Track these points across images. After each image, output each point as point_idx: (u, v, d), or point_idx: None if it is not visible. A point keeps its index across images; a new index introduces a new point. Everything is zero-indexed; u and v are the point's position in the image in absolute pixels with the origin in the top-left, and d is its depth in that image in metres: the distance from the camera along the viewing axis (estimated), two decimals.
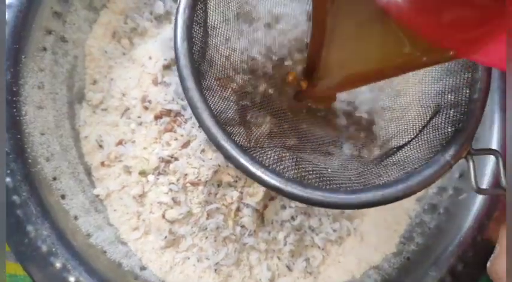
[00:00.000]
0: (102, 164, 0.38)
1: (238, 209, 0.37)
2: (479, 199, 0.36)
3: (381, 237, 0.40)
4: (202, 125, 0.27)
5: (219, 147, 0.27)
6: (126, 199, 0.37)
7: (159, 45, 0.39)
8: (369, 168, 0.32)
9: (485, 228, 0.36)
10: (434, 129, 0.31)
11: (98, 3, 0.39)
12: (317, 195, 0.26)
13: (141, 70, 0.38)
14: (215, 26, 0.33)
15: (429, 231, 0.38)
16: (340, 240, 0.40)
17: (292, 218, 0.38)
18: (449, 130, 0.29)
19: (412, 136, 0.33)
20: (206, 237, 0.37)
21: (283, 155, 0.32)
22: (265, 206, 0.38)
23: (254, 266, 0.37)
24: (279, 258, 0.38)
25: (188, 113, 0.37)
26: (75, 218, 0.36)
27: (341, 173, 0.32)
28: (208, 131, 0.27)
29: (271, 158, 0.30)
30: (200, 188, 0.36)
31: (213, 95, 0.31)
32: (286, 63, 0.38)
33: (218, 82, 0.33)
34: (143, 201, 0.37)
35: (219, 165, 0.36)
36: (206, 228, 0.36)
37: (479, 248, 0.35)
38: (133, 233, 0.37)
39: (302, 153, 0.34)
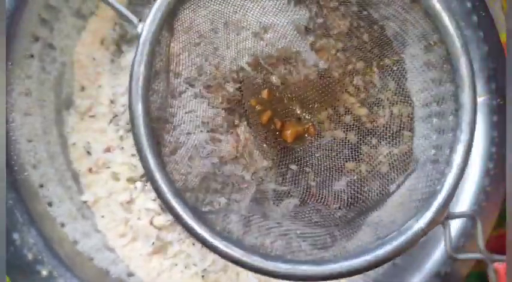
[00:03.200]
0: (90, 170, 0.38)
1: (225, 215, 0.37)
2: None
3: (366, 242, 0.40)
4: (159, 195, 0.27)
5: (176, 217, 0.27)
6: (113, 206, 0.37)
7: None
8: (340, 228, 0.32)
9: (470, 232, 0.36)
10: (410, 190, 0.31)
11: (86, 11, 0.39)
12: (280, 267, 0.26)
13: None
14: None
15: None
16: (326, 246, 0.40)
17: (279, 224, 0.39)
18: (425, 191, 0.29)
19: (387, 196, 0.33)
20: (193, 244, 0.37)
21: (249, 220, 0.32)
22: (253, 213, 0.38)
23: (241, 272, 0.38)
24: None
25: (176, 120, 0.37)
26: (62, 225, 0.36)
27: (310, 235, 0.32)
28: (166, 202, 0.27)
29: (233, 224, 0.31)
30: (188, 194, 0.36)
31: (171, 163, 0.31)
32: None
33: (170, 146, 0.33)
34: (131, 208, 0.37)
35: (207, 172, 0.36)
36: None
37: None
38: (121, 240, 0.37)
39: (270, 212, 0.35)
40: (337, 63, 0.39)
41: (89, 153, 0.38)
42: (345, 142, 0.38)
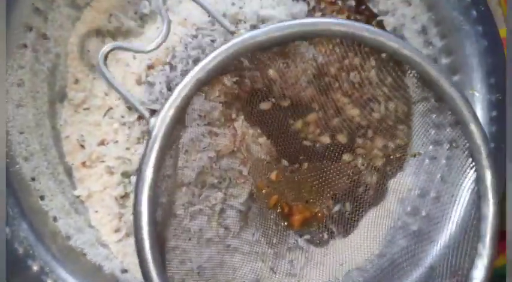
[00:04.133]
0: (84, 164, 0.37)
1: (222, 211, 0.36)
2: (461, 201, 0.37)
3: (364, 239, 0.40)
4: None
5: None
6: (107, 200, 0.37)
7: (143, 45, 0.38)
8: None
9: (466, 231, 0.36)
10: None
11: (82, 1, 0.38)
12: None
13: (124, 69, 0.38)
14: None
15: (412, 233, 0.39)
16: (323, 242, 0.40)
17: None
18: None
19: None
20: (189, 239, 0.36)
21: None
22: (249, 208, 0.38)
23: (237, 268, 0.37)
24: (262, 260, 0.38)
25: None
26: (55, 219, 0.35)
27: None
28: None
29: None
30: (184, 189, 0.36)
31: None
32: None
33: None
34: (125, 203, 0.37)
35: (203, 167, 0.36)
36: (189, 230, 0.36)
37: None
38: (115, 235, 0.37)
39: None
40: (334, 58, 0.38)
41: (82, 146, 0.38)
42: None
